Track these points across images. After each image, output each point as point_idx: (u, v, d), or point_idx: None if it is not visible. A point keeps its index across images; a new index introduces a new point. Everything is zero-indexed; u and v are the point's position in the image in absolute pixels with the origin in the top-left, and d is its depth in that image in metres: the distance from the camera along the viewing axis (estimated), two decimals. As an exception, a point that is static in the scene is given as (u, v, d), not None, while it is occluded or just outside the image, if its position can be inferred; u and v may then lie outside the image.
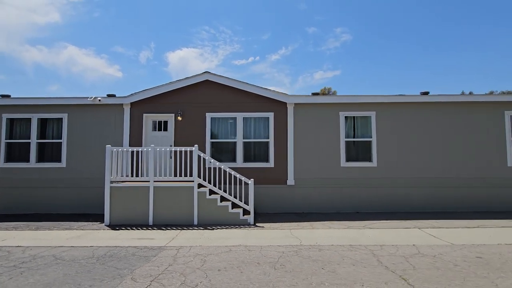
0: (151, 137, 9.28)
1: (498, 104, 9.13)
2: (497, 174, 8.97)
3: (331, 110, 9.10)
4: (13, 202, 9.04)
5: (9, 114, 9.35)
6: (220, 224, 7.46)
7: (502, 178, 8.95)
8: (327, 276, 4.13)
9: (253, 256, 5.07)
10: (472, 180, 8.99)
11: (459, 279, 4.00)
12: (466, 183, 8.99)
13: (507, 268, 4.39)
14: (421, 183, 9.00)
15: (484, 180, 8.97)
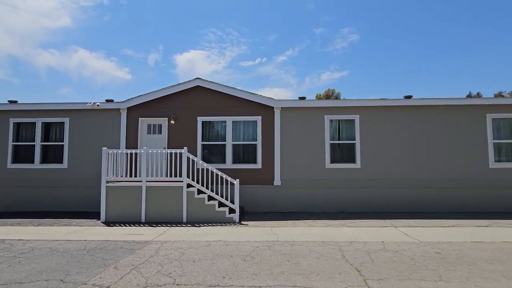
0: (146, 140, 9.84)
1: (480, 107, 9.37)
2: (479, 175, 9.21)
3: (316, 113, 9.51)
4: (19, 200, 9.72)
5: (16, 118, 10.05)
6: (207, 221, 7.94)
7: (484, 179, 9.19)
8: (289, 267, 4.56)
9: (228, 250, 5.53)
10: (455, 181, 9.25)
11: (409, 271, 4.37)
12: (448, 184, 9.25)
13: (459, 263, 4.74)
14: (404, 184, 9.31)
15: (466, 181, 9.22)
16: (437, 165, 9.32)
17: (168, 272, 4.38)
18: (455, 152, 9.31)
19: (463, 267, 4.54)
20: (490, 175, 9.19)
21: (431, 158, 9.34)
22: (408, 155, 9.37)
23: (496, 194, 9.13)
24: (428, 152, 9.36)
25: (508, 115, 9.30)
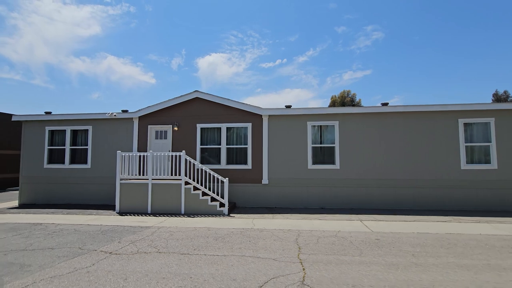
0: (154, 144, 11.51)
1: (453, 113, 10.09)
2: (451, 175, 9.93)
3: (300, 120, 10.68)
4: (52, 194, 11.75)
5: (50, 126, 12.12)
6: (201, 213, 9.40)
7: (456, 180, 9.89)
8: (247, 245, 5.88)
9: (208, 233, 6.93)
10: (429, 182, 10.04)
11: (339, 250, 5.53)
12: (423, 184, 10.05)
13: (386, 246, 5.81)
14: (381, 184, 10.23)
15: (440, 181, 9.98)
16: (413, 166, 10.14)
17: (155, 245, 5.86)
18: (429, 154, 10.09)
19: (386, 248, 5.62)
20: (462, 175, 9.89)
21: (406, 160, 10.18)
22: (384, 158, 10.27)
23: (467, 193, 9.81)
24: (404, 155, 10.21)
25: (478, 120, 9.94)
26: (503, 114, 9.85)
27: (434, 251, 5.39)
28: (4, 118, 17.85)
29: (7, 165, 18.96)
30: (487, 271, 4.38)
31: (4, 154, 19.03)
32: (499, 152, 9.75)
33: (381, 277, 4.19)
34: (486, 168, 9.80)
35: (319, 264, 4.72)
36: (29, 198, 11.87)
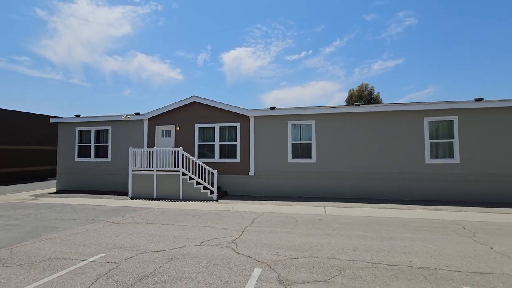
0: (160, 141, 13.63)
1: (419, 112, 11.02)
2: (417, 169, 10.94)
3: (281, 120, 12.18)
4: (81, 183, 14.37)
5: (79, 127, 14.70)
6: (195, 199, 11.34)
7: (421, 173, 10.90)
8: (214, 220, 7.67)
9: (190, 212, 8.82)
10: (396, 174, 11.13)
11: (280, 225, 7.13)
12: (391, 176, 11.17)
13: (323, 223, 7.30)
14: (352, 176, 11.49)
15: (406, 174, 11.03)
16: (382, 160, 11.27)
17: (146, 219, 7.86)
18: (397, 150, 11.15)
19: (318, 225, 7.12)
20: (426, 169, 10.86)
21: (377, 155, 11.32)
22: (357, 153, 11.49)
23: (430, 185, 10.78)
24: (374, 150, 11.35)
25: (441, 118, 10.79)
26: (466, 112, 10.63)
27: (353, 227, 6.82)
28: (44, 119, 21.10)
29: (48, 158, 22.39)
30: (375, 240, 5.79)
31: (46, 149, 22.47)
32: (462, 147, 10.58)
33: (291, 239, 5.78)
34: (449, 162, 10.70)
35: (255, 232, 6.39)
36: (64, 186, 14.61)
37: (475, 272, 4.14)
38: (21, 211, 9.08)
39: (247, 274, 4.08)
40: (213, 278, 3.95)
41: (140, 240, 5.78)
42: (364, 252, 4.99)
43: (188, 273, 4.09)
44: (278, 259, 4.68)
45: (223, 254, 4.91)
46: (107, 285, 3.74)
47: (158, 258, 4.73)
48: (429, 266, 4.36)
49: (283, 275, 4.05)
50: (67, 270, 4.25)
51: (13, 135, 20.41)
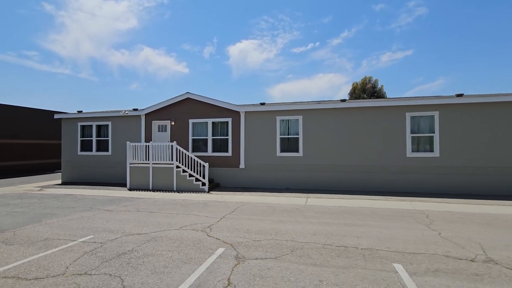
0: (157, 136, 14.34)
1: (402, 107, 11.41)
2: (398, 162, 11.40)
3: (270, 115, 12.72)
4: (84, 175, 15.25)
5: (81, 122, 15.51)
6: (188, 190, 12.05)
7: (402, 166, 11.36)
8: (199, 208, 8.35)
9: (180, 202, 9.53)
10: (379, 168, 11.61)
11: (259, 213, 7.76)
12: (374, 169, 11.66)
13: (298, 212, 7.90)
14: (338, 169, 12.01)
15: (388, 167, 11.51)
16: (366, 154, 11.74)
17: (138, 207, 8.60)
18: (380, 143, 11.60)
19: (294, 213, 7.73)
20: (407, 162, 11.30)
21: (360, 149, 11.80)
22: (342, 146, 11.98)
23: (411, 178, 11.24)
24: (358, 144, 11.82)
25: (422, 113, 11.17)
26: (446, 108, 10.98)
27: (324, 216, 7.41)
28: (51, 115, 22.05)
29: (55, 152, 23.43)
30: (338, 226, 6.37)
31: (53, 143, 23.50)
32: (442, 142, 10.98)
33: (262, 225, 6.41)
34: (429, 156, 11.12)
35: (232, 219, 7.04)
36: (68, 178, 15.53)
37: (411, 252, 4.71)
38: (27, 200, 9.93)
39: (210, 252, 4.73)
40: (180, 254, 4.62)
41: (127, 225, 6.49)
42: (322, 236, 5.59)
43: (160, 251, 4.77)
44: (243, 241, 5.32)
45: (196, 237, 5.58)
46: (90, 259, 4.45)
47: (139, 239, 5.43)
48: (373, 247, 4.94)
49: (241, 253, 4.69)
50: (59, 248, 4.98)
51: (23, 130, 21.46)
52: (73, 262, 4.32)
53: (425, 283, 3.64)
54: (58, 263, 4.30)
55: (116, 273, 3.92)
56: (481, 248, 4.91)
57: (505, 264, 4.21)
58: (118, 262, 4.30)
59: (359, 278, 3.78)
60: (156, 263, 4.26)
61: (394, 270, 4.03)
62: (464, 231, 5.91)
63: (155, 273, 3.92)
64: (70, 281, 3.69)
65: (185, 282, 3.66)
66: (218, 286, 3.56)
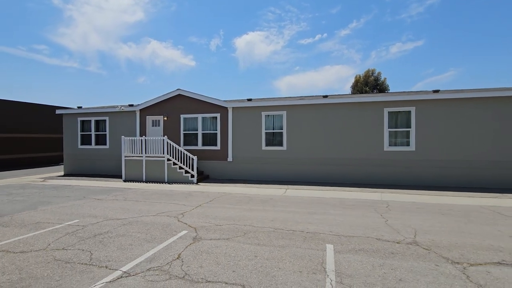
0: (151, 130, 15.12)
1: (380, 103, 11.84)
2: (376, 156, 11.91)
3: (256, 111, 13.30)
4: (84, 167, 16.20)
5: (81, 117, 16.38)
6: (178, 182, 12.84)
7: (380, 159, 11.87)
8: (181, 198, 9.10)
9: (166, 192, 10.30)
10: (358, 161, 12.15)
11: (235, 202, 8.46)
12: (353, 162, 12.20)
13: (271, 201, 8.57)
14: (319, 162, 12.59)
15: (367, 160, 12.03)
16: (346, 148, 12.28)
17: (126, 196, 9.41)
18: (359, 138, 12.10)
19: (268, 203, 8.41)
20: (385, 156, 11.80)
21: (340, 143, 12.33)
22: (323, 140, 12.53)
23: (388, 171, 11.76)
24: (338, 138, 12.35)
25: (400, 109, 11.59)
26: (422, 103, 11.38)
27: (293, 205, 8.06)
28: (52, 110, 23.09)
29: (59, 145, 24.55)
30: (299, 214, 7.02)
31: (58, 137, 24.61)
32: (417, 136, 11.42)
33: (230, 213, 7.11)
34: (405, 150, 11.59)
35: (206, 207, 7.77)
36: (69, 170, 16.52)
37: (348, 235, 5.34)
38: (29, 190, 10.86)
39: (174, 234, 5.46)
40: (147, 235, 5.36)
41: (110, 212, 7.28)
42: (278, 222, 6.26)
43: (131, 233, 5.53)
44: (207, 225, 6.04)
45: (167, 221, 6.33)
46: (70, 238, 5.23)
47: (117, 223, 6.21)
48: (317, 231, 5.59)
49: (200, 235, 5.41)
50: (46, 229, 5.78)
51: (30, 124, 22.56)
52: (55, 241, 5.11)
53: (342, 259, 4.29)
54: (43, 241, 5.10)
55: (88, 249, 4.68)
56: (414, 233, 5.51)
57: (424, 246, 4.82)
58: (92, 241, 5.07)
59: (290, 254, 4.45)
60: (124, 242, 5.01)
61: (324, 249, 4.68)
62: (411, 219, 6.50)
63: (120, 249, 4.67)
64: (48, 254, 4.47)
65: (142, 256, 4.39)
66: (169, 259, 4.28)
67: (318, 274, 3.78)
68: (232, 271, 3.88)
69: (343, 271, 3.87)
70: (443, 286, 3.49)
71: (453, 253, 4.49)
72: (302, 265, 4.06)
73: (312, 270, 3.90)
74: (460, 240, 5.08)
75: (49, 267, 4.01)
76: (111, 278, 3.69)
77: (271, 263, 4.13)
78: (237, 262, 4.17)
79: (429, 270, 3.91)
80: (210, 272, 3.83)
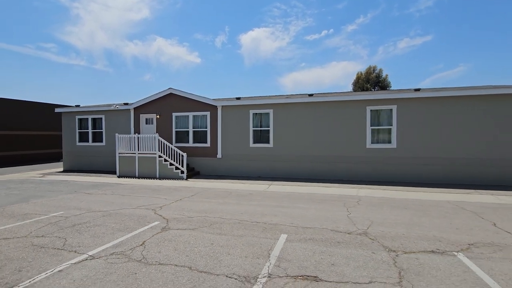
0: (145, 128, 15.66)
1: (363, 101, 12.14)
2: (359, 153, 12.23)
3: (244, 109, 13.71)
4: (81, 163, 16.86)
5: (79, 116, 17.01)
6: (169, 178, 13.37)
7: (363, 156, 12.19)
8: (166, 193, 9.60)
9: (154, 188, 10.82)
10: (341, 158, 12.49)
11: (215, 196, 8.93)
12: (336, 159, 12.55)
13: (249, 196, 9.01)
14: (304, 159, 12.97)
15: (350, 157, 12.37)
16: (330, 145, 12.63)
17: (114, 191, 9.96)
18: (343, 135, 12.44)
19: (245, 197, 8.85)
20: (367, 153, 12.12)
21: (326, 140, 12.68)
22: (309, 138, 12.89)
23: (370, 167, 12.08)
24: (323, 136, 12.70)
25: (381, 107, 11.87)
26: (403, 101, 11.64)
27: (267, 200, 8.49)
28: (49, 107, 23.88)
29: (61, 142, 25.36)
30: (269, 207, 7.45)
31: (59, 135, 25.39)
32: (399, 134, 11.70)
33: (205, 206, 7.57)
34: (387, 147, 11.89)
35: (185, 201, 8.25)
36: (68, 166, 17.20)
37: (305, 227, 5.76)
38: (26, 185, 11.50)
39: (146, 224, 5.95)
40: (121, 225, 5.86)
41: (95, 205, 7.82)
42: (246, 215, 6.71)
43: (107, 223, 6.04)
44: (179, 217, 6.52)
45: (144, 214, 6.82)
46: (51, 227, 5.76)
47: (97, 215, 6.73)
48: (279, 223, 6.02)
49: (169, 225, 5.88)
50: (32, 220, 6.33)
51: (34, 123, 23.36)
52: (37, 229, 5.64)
53: (290, 247, 4.71)
54: (26, 229, 5.64)
55: (64, 236, 5.20)
56: (369, 225, 5.90)
57: (371, 236, 5.21)
58: (70, 230, 5.59)
59: (243, 242, 4.89)
60: (98, 231, 5.52)
61: (278, 238, 5.11)
62: (373, 213, 6.87)
63: (93, 237, 5.18)
64: (27, 240, 5.00)
65: (111, 243, 4.89)
66: (133, 245, 4.77)
67: (261, 259, 4.22)
68: (186, 255, 4.34)
69: (285, 257, 4.30)
70: (368, 269, 3.89)
71: (395, 243, 4.88)
72: (251, 252, 4.50)
73: (257, 256, 4.34)
74: (408, 232, 5.46)
75: (26, 251, 4.53)
76: (76, 260, 4.19)
77: (223, 250, 4.58)
78: (193, 248, 4.63)
79: (363, 256, 4.31)
80: (165, 257, 4.30)
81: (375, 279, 3.62)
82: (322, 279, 3.61)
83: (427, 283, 3.52)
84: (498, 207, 7.51)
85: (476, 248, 4.64)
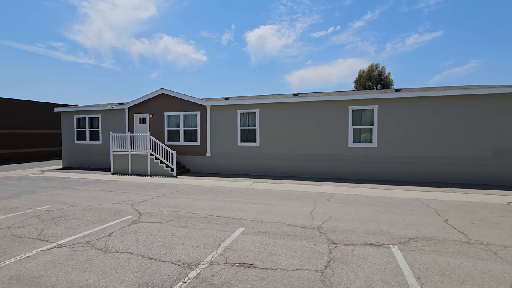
0: (138, 127, 16.23)
1: (345, 101, 12.43)
2: (341, 152, 12.55)
3: (232, 109, 14.14)
4: (80, 161, 17.57)
5: (77, 115, 17.70)
6: (159, 175, 13.92)
7: (345, 155, 12.50)
8: (151, 189, 10.12)
9: (143, 184, 11.37)
10: (324, 156, 12.83)
11: (200, 193, 9.40)
12: (319, 158, 12.89)
13: (232, 193, 9.46)
14: (289, 157, 13.35)
15: (332, 156, 12.70)
16: (314, 144, 12.97)
17: (103, 187, 10.53)
18: (327, 134, 12.76)
19: (224, 194, 9.30)
20: (349, 152, 12.43)
21: (310, 139, 13.03)
22: (293, 137, 13.26)
23: (352, 166, 12.39)
24: (307, 135, 13.05)
25: (363, 107, 12.14)
26: (384, 102, 11.89)
27: (243, 196, 8.92)
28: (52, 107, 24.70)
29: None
30: (241, 203, 7.88)
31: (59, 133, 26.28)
32: (379, 133, 11.97)
33: (181, 202, 8.05)
34: (368, 146, 12.17)
35: (165, 197, 8.74)
36: (67, 163, 17.94)
37: (265, 221, 6.18)
38: (24, 181, 12.19)
39: (120, 218, 6.46)
40: (97, 218, 6.38)
41: (80, 200, 8.38)
42: (216, 210, 7.16)
43: (86, 216, 6.57)
44: (152, 212, 7.01)
45: (122, 208, 7.34)
46: (33, 220, 6.32)
47: (79, 209, 7.27)
48: (242, 218, 6.45)
49: (141, 218, 6.38)
50: (19, 213, 6.91)
51: (38, 121, 24.25)
52: (20, 221, 6.20)
53: (241, 238, 5.15)
54: (10, 221, 6.21)
55: (42, 227, 5.74)
56: (326, 220, 6.28)
57: (322, 230, 5.60)
58: (49, 222, 6.14)
59: (201, 234, 5.35)
60: (74, 223, 6.05)
61: (234, 231, 5.55)
62: (337, 210, 7.24)
63: (67, 228, 5.70)
64: (8, 231, 5.55)
65: (81, 233, 5.40)
66: (100, 236, 5.27)
67: (210, 249, 4.67)
68: (144, 245, 4.82)
69: (232, 247, 4.74)
70: (302, 258, 4.30)
71: (340, 236, 5.27)
72: (203, 242, 4.95)
73: (208, 246, 4.79)
74: (359, 227, 5.83)
75: (3, 240, 5.08)
76: (46, 248, 4.71)
77: (180, 241, 5.04)
78: (152, 239, 5.11)
79: (303, 247, 4.72)
80: (125, 246, 4.79)
81: (303, 267, 4.02)
82: (255, 266, 4.04)
83: (347, 271, 3.91)
84: (464, 205, 7.79)
85: (414, 242, 4.99)
